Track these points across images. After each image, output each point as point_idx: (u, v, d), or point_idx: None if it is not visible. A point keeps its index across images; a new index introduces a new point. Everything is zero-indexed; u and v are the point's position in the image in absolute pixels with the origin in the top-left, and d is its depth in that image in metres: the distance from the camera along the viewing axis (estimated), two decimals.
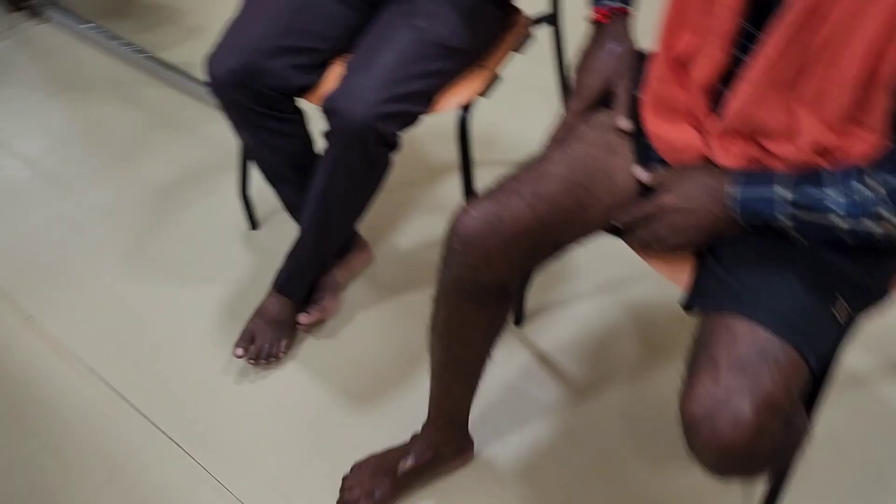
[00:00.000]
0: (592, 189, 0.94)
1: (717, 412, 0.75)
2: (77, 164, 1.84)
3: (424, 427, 1.21)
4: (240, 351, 1.36)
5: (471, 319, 1.02)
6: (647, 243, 0.94)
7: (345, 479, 1.21)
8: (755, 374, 0.76)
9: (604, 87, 1.02)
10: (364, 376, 1.41)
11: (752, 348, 0.78)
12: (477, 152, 1.84)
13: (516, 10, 1.41)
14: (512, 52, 1.37)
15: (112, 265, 1.61)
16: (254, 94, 1.21)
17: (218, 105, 1.25)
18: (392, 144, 1.17)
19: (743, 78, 0.85)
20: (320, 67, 1.26)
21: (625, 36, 1.03)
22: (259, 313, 1.38)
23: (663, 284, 1.46)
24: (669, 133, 0.95)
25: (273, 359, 1.38)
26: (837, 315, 0.84)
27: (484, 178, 1.81)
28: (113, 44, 2.09)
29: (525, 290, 1.45)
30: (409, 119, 1.17)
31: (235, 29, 1.22)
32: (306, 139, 1.33)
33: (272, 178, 1.35)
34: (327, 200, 1.23)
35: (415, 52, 1.15)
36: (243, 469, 1.29)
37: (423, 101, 1.18)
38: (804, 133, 0.84)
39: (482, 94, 1.29)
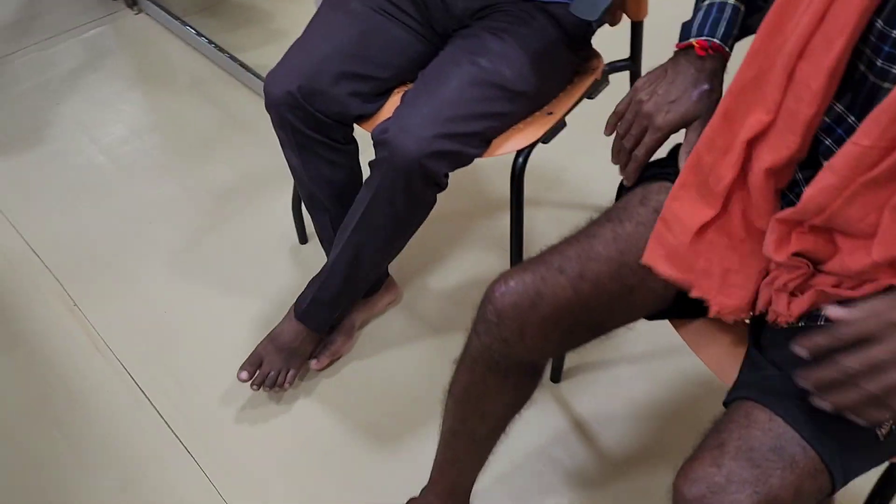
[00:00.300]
0: (641, 272, 0.87)
1: (711, 499, 0.68)
2: (147, 156, 1.86)
3: (423, 493, 1.13)
4: (244, 375, 1.31)
5: (494, 392, 0.95)
6: (857, 409, 0.66)
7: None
8: (764, 468, 0.69)
9: (682, 124, 0.92)
10: (386, 413, 1.37)
11: (766, 440, 0.70)
12: (541, 192, 1.78)
13: (594, 55, 1.34)
14: (584, 99, 1.31)
15: (161, 263, 1.62)
16: (308, 118, 1.18)
17: (273, 123, 1.23)
18: (439, 184, 1.13)
19: (826, 166, 0.75)
20: (380, 96, 1.23)
21: (719, 78, 0.93)
22: (272, 337, 1.33)
23: None
24: (685, 210, 0.85)
25: (278, 388, 1.33)
26: (880, 434, 0.74)
27: (545, 219, 1.77)
28: (198, 40, 2.12)
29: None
30: (461, 160, 1.12)
31: (298, 49, 1.20)
32: (355, 172, 1.29)
33: (311, 204, 1.32)
34: (363, 232, 1.19)
35: (475, 92, 1.10)
36: (255, 494, 1.26)
37: (478, 142, 1.13)
38: (886, 243, 0.74)
39: (544, 140, 1.22)
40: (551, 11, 1.18)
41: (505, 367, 0.92)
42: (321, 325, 1.32)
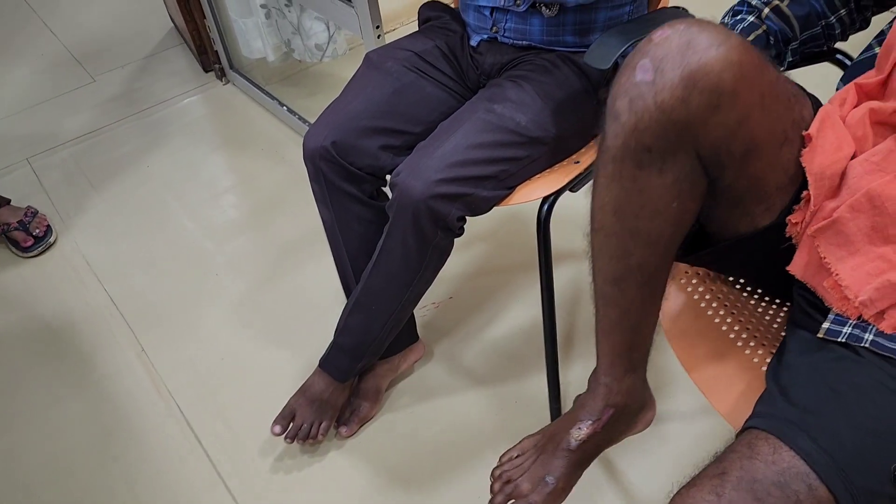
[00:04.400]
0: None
1: None
2: (224, 214, 1.99)
3: (593, 380, 0.92)
4: (277, 429, 1.34)
5: (654, 194, 0.76)
6: None
7: (497, 469, 0.95)
8: (765, 502, 0.64)
9: None
10: (421, 465, 1.37)
11: (770, 473, 0.66)
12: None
13: None
14: None
15: (224, 312, 1.71)
16: (342, 170, 1.24)
17: (308, 175, 1.29)
18: (451, 227, 1.14)
19: None
20: (412, 150, 1.27)
21: None
22: (302, 390, 1.36)
23: None
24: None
25: (312, 440, 1.35)
26: None
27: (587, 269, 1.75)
28: (277, 107, 2.26)
29: (558, 389, 1.35)
30: (476, 203, 1.13)
31: (335, 106, 1.26)
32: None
33: (339, 260, 1.33)
34: (378, 276, 1.21)
35: (486, 137, 1.11)
36: None
37: (493, 186, 1.14)
38: None
39: (571, 188, 1.23)
40: (575, 60, 1.20)
41: (661, 150, 0.73)
42: (342, 373, 1.34)
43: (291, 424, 1.35)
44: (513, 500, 0.90)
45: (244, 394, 1.53)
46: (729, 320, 0.96)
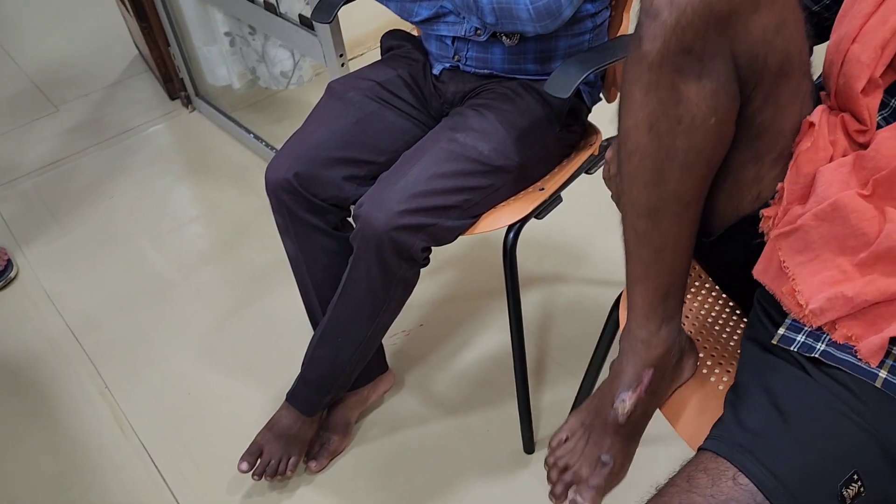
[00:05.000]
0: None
1: None
2: (190, 244, 1.96)
3: (626, 339, 0.86)
4: (244, 466, 1.31)
5: (692, 100, 0.73)
6: None
7: (551, 457, 0.90)
8: None
9: None
10: (393, 497, 1.34)
11: (719, 494, 0.67)
12: (566, 266, 1.76)
13: (592, 131, 1.35)
14: (582, 174, 1.31)
15: (190, 345, 1.68)
16: (305, 202, 1.22)
17: (272, 208, 1.27)
18: (415, 258, 1.13)
19: None
20: (375, 181, 1.26)
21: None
22: (270, 425, 1.33)
23: None
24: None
25: (280, 476, 1.32)
26: (846, 495, 0.68)
27: (570, 295, 1.75)
28: (244, 134, 2.24)
29: (530, 417, 1.34)
30: (440, 233, 1.12)
31: (297, 137, 1.25)
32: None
33: (305, 292, 1.31)
34: (342, 307, 1.19)
35: (448, 166, 1.11)
36: None
37: (456, 215, 1.13)
38: None
39: (537, 215, 1.23)
40: (537, 88, 1.20)
41: (701, 52, 0.70)
42: (310, 407, 1.31)
43: (259, 461, 1.32)
44: (574, 487, 0.86)
45: (211, 429, 1.50)
46: (701, 354, 0.96)
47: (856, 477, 0.68)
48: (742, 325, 1.00)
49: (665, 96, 0.73)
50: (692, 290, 1.05)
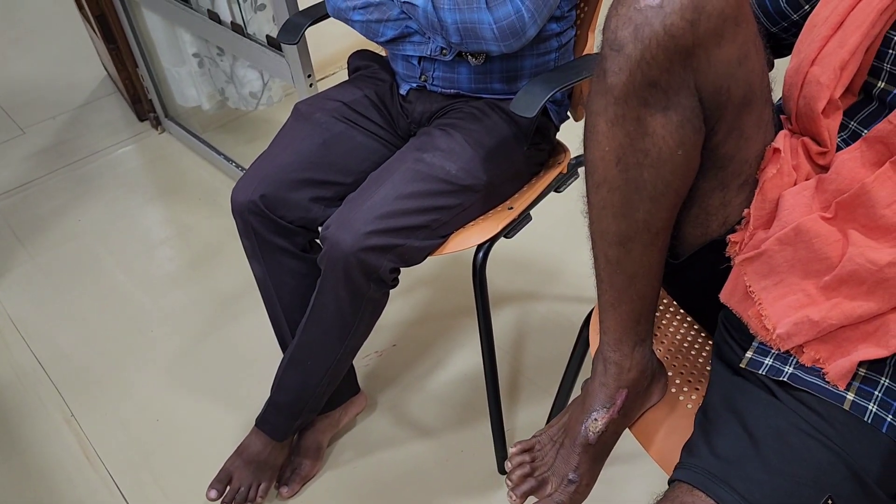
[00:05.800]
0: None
1: None
2: (159, 267, 1.93)
3: (599, 361, 0.86)
4: (213, 493, 1.28)
5: (658, 133, 0.73)
6: None
7: (517, 457, 0.90)
8: None
9: None
10: None
11: None
12: (538, 284, 1.76)
13: (561, 150, 1.35)
14: (551, 192, 1.31)
15: (159, 371, 1.65)
16: (271, 224, 1.21)
17: (238, 230, 1.26)
18: (384, 279, 1.12)
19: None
20: (342, 201, 1.25)
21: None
22: (239, 451, 1.31)
23: None
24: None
25: (250, 503, 1.30)
26: None
27: (542, 312, 1.75)
28: (214, 155, 2.23)
29: (503, 437, 1.33)
30: (408, 253, 1.11)
31: (262, 159, 1.24)
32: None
33: (274, 315, 1.29)
34: (311, 330, 1.18)
35: (415, 187, 1.10)
36: None
37: (425, 235, 1.12)
38: None
39: (506, 234, 1.22)
40: (504, 107, 1.20)
41: (666, 85, 0.71)
42: (279, 432, 1.29)
43: (228, 488, 1.29)
44: (535, 500, 0.86)
45: (179, 457, 1.47)
46: (670, 373, 0.96)
47: (830, 502, 0.68)
48: (709, 345, 1.00)
49: (632, 129, 0.73)
50: (660, 308, 1.05)
